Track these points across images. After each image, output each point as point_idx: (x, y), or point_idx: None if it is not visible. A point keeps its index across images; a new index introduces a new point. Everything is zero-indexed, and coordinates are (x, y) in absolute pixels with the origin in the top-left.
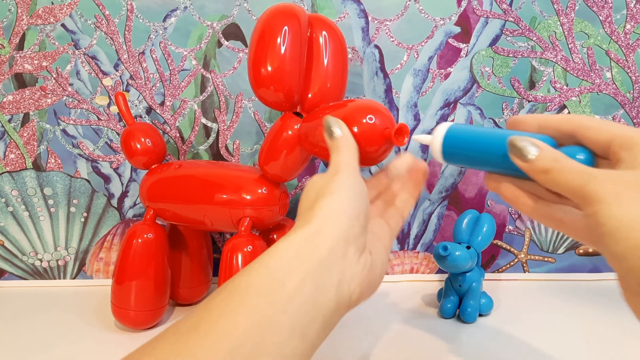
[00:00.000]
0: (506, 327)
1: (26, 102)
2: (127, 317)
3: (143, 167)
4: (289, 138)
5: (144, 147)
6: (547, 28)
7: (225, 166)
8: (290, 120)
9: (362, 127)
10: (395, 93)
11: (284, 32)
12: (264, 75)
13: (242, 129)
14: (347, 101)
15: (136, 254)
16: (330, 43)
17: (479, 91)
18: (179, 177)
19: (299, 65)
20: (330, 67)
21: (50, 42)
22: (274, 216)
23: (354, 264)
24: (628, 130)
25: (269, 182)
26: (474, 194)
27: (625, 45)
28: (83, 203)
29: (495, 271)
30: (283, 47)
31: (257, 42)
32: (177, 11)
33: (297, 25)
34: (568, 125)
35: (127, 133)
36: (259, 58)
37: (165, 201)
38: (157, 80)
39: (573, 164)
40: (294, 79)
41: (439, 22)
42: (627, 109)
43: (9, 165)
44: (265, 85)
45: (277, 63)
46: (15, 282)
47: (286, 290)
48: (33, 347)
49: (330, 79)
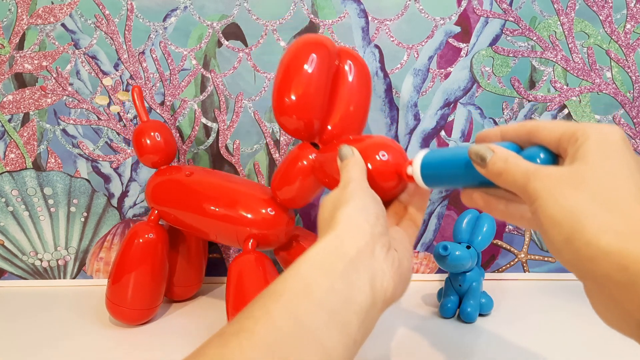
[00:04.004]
0: (506, 327)
1: (26, 102)
2: (122, 313)
3: (152, 166)
4: (303, 167)
5: (155, 146)
6: (547, 28)
7: (237, 182)
8: (306, 150)
9: (376, 164)
10: (395, 93)
11: (312, 63)
12: (287, 104)
13: (242, 129)
14: (363, 137)
15: (136, 253)
16: (355, 77)
17: (479, 91)
18: (188, 184)
19: (323, 96)
20: (353, 101)
21: (50, 42)
22: (279, 239)
23: (382, 260)
24: (573, 126)
25: (277, 206)
26: None
27: (626, 45)
28: (83, 203)
29: (495, 271)
30: (309, 77)
31: (284, 70)
32: (177, 11)
33: (325, 56)
34: (523, 130)
35: (139, 129)
36: (284, 86)
37: (170, 205)
38: (157, 80)
39: (520, 163)
40: (316, 110)
41: (439, 22)
42: (627, 109)
43: (9, 165)
44: (288, 114)
45: (301, 93)
46: (15, 282)
47: (320, 290)
48: (33, 347)
49: (351, 113)
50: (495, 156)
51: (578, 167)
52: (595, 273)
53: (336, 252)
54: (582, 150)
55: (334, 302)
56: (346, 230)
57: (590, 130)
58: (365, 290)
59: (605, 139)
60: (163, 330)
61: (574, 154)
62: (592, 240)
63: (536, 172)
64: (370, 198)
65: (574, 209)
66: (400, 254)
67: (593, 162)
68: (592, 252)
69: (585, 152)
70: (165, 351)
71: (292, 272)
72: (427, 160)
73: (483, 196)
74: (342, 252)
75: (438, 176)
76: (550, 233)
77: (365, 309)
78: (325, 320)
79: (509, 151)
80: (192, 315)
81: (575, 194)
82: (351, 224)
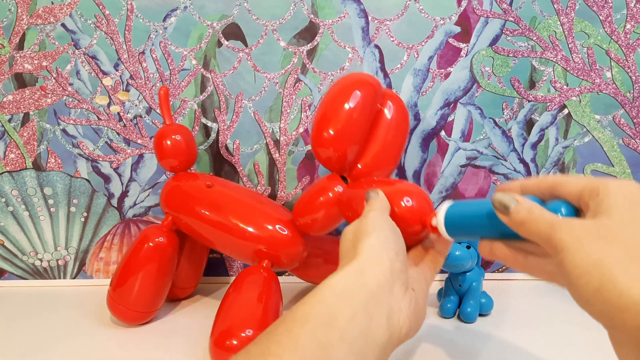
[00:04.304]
0: (506, 327)
1: (26, 102)
2: (123, 313)
3: (171, 170)
4: (329, 199)
5: (176, 150)
6: (547, 28)
7: (256, 199)
8: (335, 181)
9: (401, 209)
10: (396, 93)
11: (355, 100)
12: (325, 137)
13: (242, 129)
14: (392, 180)
15: (145, 256)
16: (394, 120)
17: (479, 91)
18: (207, 195)
19: (361, 134)
20: (387, 144)
21: (50, 42)
22: (292, 262)
23: (400, 298)
24: (595, 180)
25: (295, 229)
26: (473, 194)
27: (625, 45)
28: (83, 203)
29: (495, 271)
30: (350, 114)
31: (327, 103)
32: (177, 11)
33: (369, 96)
34: (545, 184)
35: (162, 132)
36: (325, 119)
37: (185, 213)
38: (157, 80)
39: (545, 214)
40: (352, 146)
41: (439, 22)
42: (627, 109)
43: (9, 165)
44: (324, 146)
45: (340, 128)
46: (15, 282)
47: (342, 319)
48: (33, 347)
49: (383, 155)
50: (519, 205)
51: (603, 220)
52: (626, 323)
53: (358, 283)
54: (605, 204)
55: (354, 333)
56: (367, 261)
57: (612, 184)
58: (383, 325)
59: (628, 193)
60: (164, 330)
61: (596, 207)
62: (624, 290)
63: (562, 223)
64: (391, 231)
65: (603, 260)
66: (417, 294)
67: (618, 215)
68: (624, 302)
69: (609, 206)
70: (166, 351)
71: (317, 298)
72: (451, 212)
73: (502, 248)
74: (363, 282)
75: (461, 227)
76: (578, 283)
77: (382, 344)
78: (346, 351)
79: (533, 202)
80: (193, 315)
81: (603, 245)
82: (372, 256)
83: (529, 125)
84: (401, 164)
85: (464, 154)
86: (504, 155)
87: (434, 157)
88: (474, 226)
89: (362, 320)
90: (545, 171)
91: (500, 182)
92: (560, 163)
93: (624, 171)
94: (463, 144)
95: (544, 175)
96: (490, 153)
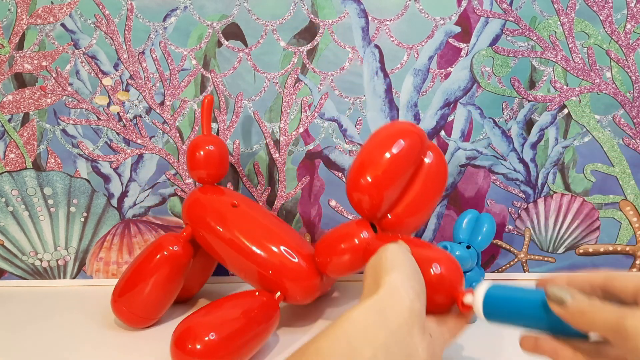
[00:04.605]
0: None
1: (26, 102)
2: (129, 317)
3: (199, 181)
4: (354, 245)
5: (208, 162)
6: (547, 28)
7: (280, 227)
8: (364, 228)
9: (429, 277)
10: (395, 93)
11: (398, 149)
12: (363, 183)
13: (242, 129)
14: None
15: (158, 263)
16: (432, 175)
17: (479, 91)
18: (231, 214)
19: (399, 185)
20: (422, 198)
21: (50, 42)
22: (305, 297)
23: (418, 342)
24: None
25: (312, 265)
26: (473, 194)
27: (626, 45)
28: (83, 203)
29: (495, 271)
30: (391, 163)
31: (370, 148)
32: (177, 11)
33: (413, 147)
34: (598, 280)
35: (197, 142)
36: (365, 164)
37: (205, 229)
38: (157, 80)
39: (606, 304)
40: (388, 197)
41: (439, 22)
42: (627, 109)
43: (9, 165)
44: (360, 191)
45: (380, 175)
46: (15, 282)
47: (363, 358)
48: (33, 347)
49: (417, 209)
50: (578, 296)
51: None
52: None
53: (378, 321)
54: None
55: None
56: (389, 298)
57: None
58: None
59: None
60: (164, 331)
61: None
62: None
63: (629, 312)
64: (412, 269)
65: None
66: (435, 342)
67: None
68: None
69: None
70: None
71: (339, 332)
72: (492, 295)
73: (551, 342)
74: (384, 321)
75: (503, 313)
76: None
77: None
78: None
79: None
80: None
81: None
82: (393, 294)
83: (529, 125)
84: None
85: (464, 154)
86: (504, 155)
87: None
88: (519, 314)
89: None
90: (545, 171)
91: (500, 182)
92: (560, 163)
93: (623, 171)
94: (463, 143)
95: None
96: (490, 153)
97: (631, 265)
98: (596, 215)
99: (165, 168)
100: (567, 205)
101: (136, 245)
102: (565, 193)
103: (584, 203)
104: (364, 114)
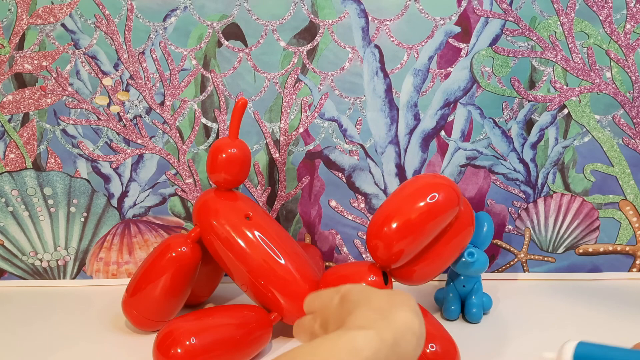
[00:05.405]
0: (505, 327)
1: (26, 102)
2: (139, 320)
3: (216, 184)
4: None
5: (229, 167)
6: (547, 28)
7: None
8: (374, 273)
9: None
10: (395, 93)
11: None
12: (386, 231)
13: (242, 129)
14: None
15: (167, 265)
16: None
17: (479, 91)
18: (243, 225)
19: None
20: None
21: (50, 42)
22: None
23: None
24: None
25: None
26: (473, 194)
27: (625, 45)
28: (83, 203)
29: (495, 271)
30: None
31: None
32: (177, 11)
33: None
34: None
35: (220, 145)
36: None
37: (213, 234)
38: (157, 80)
39: None
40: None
41: (439, 22)
42: (627, 109)
43: (9, 165)
44: (381, 239)
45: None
46: (15, 282)
47: None
48: (33, 347)
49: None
50: None
51: None
52: None
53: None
54: None
55: None
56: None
57: None
58: None
59: None
60: None
61: None
62: None
63: None
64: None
65: None
66: None
67: None
68: None
69: None
70: None
71: None
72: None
73: None
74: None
75: None
76: None
77: None
78: None
79: None
80: None
81: None
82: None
83: (529, 125)
84: (401, 164)
85: (464, 154)
86: (504, 155)
87: (434, 157)
88: None
89: None
90: (545, 171)
91: (501, 182)
92: (559, 163)
93: (623, 171)
94: (463, 143)
95: None
96: (490, 153)
97: (631, 265)
98: (596, 215)
99: (166, 168)
100: (567, 205)
101: (136, 245)
102: (565, 193)
103: (584, 203)
104: (364, 114)
